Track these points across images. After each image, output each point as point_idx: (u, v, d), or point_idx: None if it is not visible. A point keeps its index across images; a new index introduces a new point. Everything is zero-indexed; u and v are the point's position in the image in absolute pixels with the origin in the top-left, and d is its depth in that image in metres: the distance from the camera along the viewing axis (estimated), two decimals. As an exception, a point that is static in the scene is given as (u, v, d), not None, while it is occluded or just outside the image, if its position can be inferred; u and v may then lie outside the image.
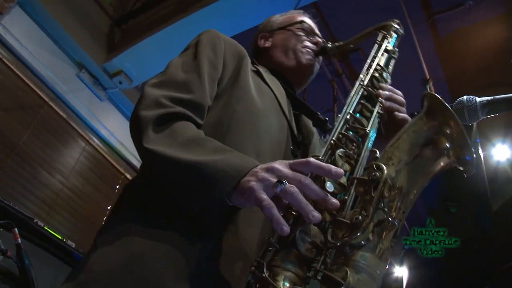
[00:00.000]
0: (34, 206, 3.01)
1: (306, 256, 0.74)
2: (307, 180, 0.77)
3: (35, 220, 2.19)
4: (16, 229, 1.96)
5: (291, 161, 0.82)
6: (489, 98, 0.99)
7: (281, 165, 0.80)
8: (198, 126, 1.01)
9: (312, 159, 0.80)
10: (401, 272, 7.92)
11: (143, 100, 0.99)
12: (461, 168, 0.86)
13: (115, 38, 3.86)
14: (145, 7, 3.75)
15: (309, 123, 1.45)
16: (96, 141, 3.72)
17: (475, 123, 3.22)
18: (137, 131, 0.94)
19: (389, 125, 1.12)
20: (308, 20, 1.53)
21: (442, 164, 0.86)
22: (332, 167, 0.79)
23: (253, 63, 1.32)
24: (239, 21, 3.21)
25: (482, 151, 4.21)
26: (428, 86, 4.16)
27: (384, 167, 0.79)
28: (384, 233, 0.76)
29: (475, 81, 4.81)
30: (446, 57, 4.74)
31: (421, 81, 4.23)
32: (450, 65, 4.79)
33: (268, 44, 1.50)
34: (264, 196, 0.75)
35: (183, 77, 1.07)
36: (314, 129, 1.45)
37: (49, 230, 2.24)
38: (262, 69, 1.33)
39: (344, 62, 4.64)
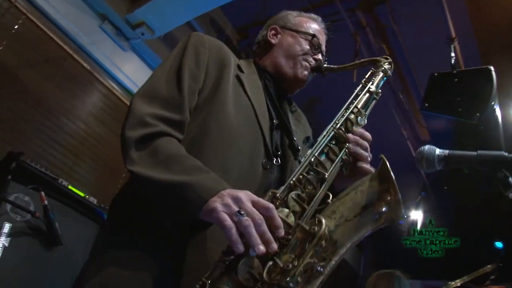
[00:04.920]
0: (61, 155, 3.26)
1: (244, 284, 0.89)
2: (261, 221, 0.90)
3: (59, 180, 2.41)
4: (42, 192, 2.20)
5: (255, 198, 0.95)
6: (447, 152, 1.07)
7: (246, 198, 0.94)
8: (179, 140, 1.14)
9: (272, 208, 0.94)
10: (416, 215, 8.24)
11: (129, 117, 1.12)
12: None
13: (137, -11, 3.86)
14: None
15: (300, 120, 1.55)
16: (119, 91, 3.87)
17: (494, 85, 3.19)
18: (123, 152, 1.08)
19: (351, 166, 1.22)
20: (319, 35, 1.59)
21: (376, 225, 1.01)
22: (279, 225, 0.94)
23: (239, 67, 1.39)
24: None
25: (500, 110, 4.13)
26: (453, 46, 4.02)
27: (324, 222, 0.94)
28: (311, 279, 0.92)
29: (507, 37, 4.60)
30: (476, 9, 4.50)
31: (446, 40, 4.09)
32: (480, 19, 4.56)
33: (274, 40, 1.58)
34: (226, 216, 0.90)
35: (166, 92, 1.18)
36: (303, 129, 1.54)
37: (72, 189, 2.47)
38: (247, 72, 1.40)
39: (370, 14, 4.51)
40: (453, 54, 3.95)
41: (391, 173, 0.98)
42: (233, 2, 3.57)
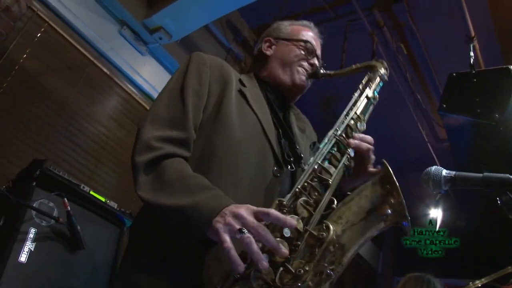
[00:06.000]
0: (83, 159, 3.35)
1: None
2: (264, 231, 0.95)
3: (81, 186, 2.50)
4: (65, 199, 2.28)
5: (255, 209, 0.99)
6: (453, 174, 1.09)
7: (246, 212, 0.98)
8: (186, 158, 1.19)
9: (272, 211, 0.98)
10: (436, 213, 8.17)
11: (136, 143, 1.17)
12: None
13: (154, -5, 3.92)
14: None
15: (305, 127, 1.58)
16: (138, 95, 3.95)
17: None
18: (133, 177, 1.14)
19: (357, 169, 1.27)
20: (313, 40, 1.62)
21: (381, 227, 1.04)
22: (287, 219, 0.97)
23: (241, 82, 1.42)
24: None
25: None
26: (472, 45, 3.96)
27: (331, 228, 0.99)
28: (322, 282, 0.96)
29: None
30: (497, 7, 4.40)
31: (465, 39, 4.03)
32: (501, 17, 4.46)
33: (269, 52, 1.61)
34: (227, 238, 0.95)
35: (170, 112, 1.23)
36: (308, 136, 1.57)
37: (94, 194, 2.55)
38: (249, 86, 1.43)
39: (387, 13, 4.47)
40: (472, 54, 3.88)
41: (393, 177, 1.01)
42: (249, 4, 3.59)
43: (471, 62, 3.83)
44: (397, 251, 7.49)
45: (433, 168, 1.11)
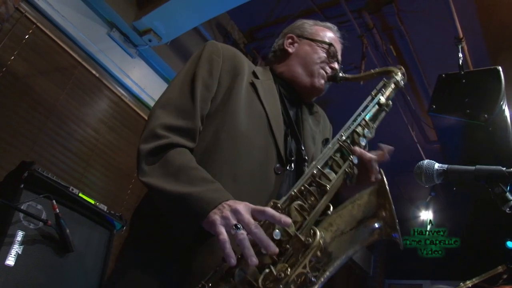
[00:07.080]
0: (72, 162, 3.31)
1: None
2: (257, 229, 0.95)
3: (70, 188, 2.46)
4: (54, 201, 2.24)
5: (253, 207, 1.00)
6: (445, 167, 1.09)
7: (244, 209, 0.99)
8: (191, 149, 1.19)
9: (268, 209, 0.99)
10: (426, 215, 8.19)
11: (144, 130, 1.18)
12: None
13: (143, -3, 3.90)
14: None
15: (319, 121, 1.56)
16: (127, 97, 3.92)
17: (503, 86, 3.15)
18: (137, 164, 1.15)
19: (360, 177, 1.23)
20: (336, 44, 1.60)
21: (372, 238, 1.02)
22: (282, 217, 0.98)
23: (254, 74, 1.41)
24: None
25: (509, 110, 4.08)
26: (460, 46, 4.00)
27: (318, 234, 0.97)
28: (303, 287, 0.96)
29: (516, 36, 4.53)
30: (484, 8, 4.45)
31: (453, 40, 4.07)
32: (488, 18, 4.51)
33: (292, 49, 1.59)
34: (222, 230, 0.96)
35: (179, 102, 1.24)
36: (322, 131, 1.55)
37: (83, 197, 2.52)
38: (263, 78, 1.42)
39: (376, 15, 4.49)
40: (460, 55, 3.92)
41: (387, 189, 0.99)
42: (239, 6, 3.59)
43: (460, 63, 3.86)
44: (397, 251, 7.49)
45: (426, 161, 1.11)
